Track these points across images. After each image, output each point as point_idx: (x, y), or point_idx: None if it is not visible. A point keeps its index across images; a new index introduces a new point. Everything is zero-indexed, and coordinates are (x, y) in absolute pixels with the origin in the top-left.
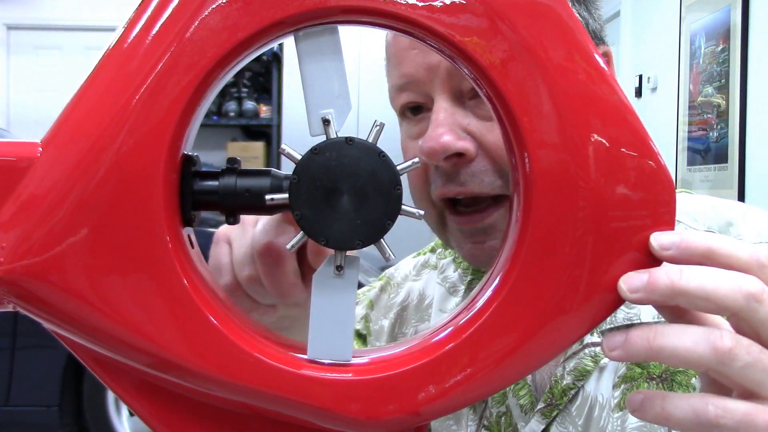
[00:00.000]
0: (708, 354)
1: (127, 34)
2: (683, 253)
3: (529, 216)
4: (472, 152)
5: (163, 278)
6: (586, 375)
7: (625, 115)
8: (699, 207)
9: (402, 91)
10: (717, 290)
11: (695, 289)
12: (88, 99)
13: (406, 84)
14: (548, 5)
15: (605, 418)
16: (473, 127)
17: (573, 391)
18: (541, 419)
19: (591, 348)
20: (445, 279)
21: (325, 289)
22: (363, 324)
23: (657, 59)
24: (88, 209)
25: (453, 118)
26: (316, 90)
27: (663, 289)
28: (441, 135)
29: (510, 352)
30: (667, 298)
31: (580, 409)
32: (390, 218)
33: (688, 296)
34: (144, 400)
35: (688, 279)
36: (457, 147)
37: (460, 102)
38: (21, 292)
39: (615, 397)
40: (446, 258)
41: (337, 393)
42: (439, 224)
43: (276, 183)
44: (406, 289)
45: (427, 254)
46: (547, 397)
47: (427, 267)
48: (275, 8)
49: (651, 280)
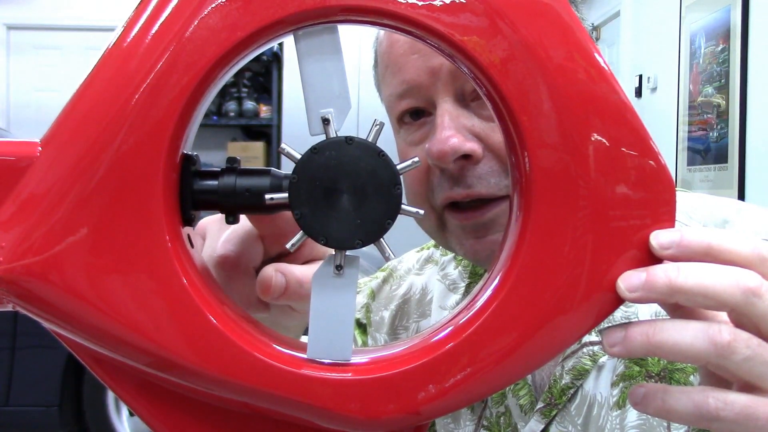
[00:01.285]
0: (707, 348)
1: (127, 34)
2: (683, 251)
3: (529, 216)
4: (480, 153)
5: (162, 278)
6: (585, 374)
7: (625, 115)
8: (694, 204)
9: (402, 98)
10: (714, 287)
11: (693, 286)
12: (87, 98)
13: (408, 90)
14: (548, 4)
15: (604, 416)
16: (478, 128)
17: (572, 390)
18: (540, 419)
19: (589, 347)
20: (445, 276)
21: (324, 289)
22: (363, 313)
23: (657, 59)
24: (88, 209)
25: (458, 121)
26: (316, 89)
27: (661, 287)
28: (449, 137)
29: (510, 351)
30: (666, 296)
31: (579, 408)
32: (390, 218)
33: (686, 294)
34: (144, 400)
35: (685, 277)
36: (465, 149)
37: (463, 104)
38: (21, 291)
39: (613, 395)
40: (447, 255)
41: (336, 392)
42: (438, 227)
43: (276, 182)
44: (408, 282)
45: (431, 249)
46: (546, 396)
47: (431, 262)
48: (275, 7)
49: (649, 278)
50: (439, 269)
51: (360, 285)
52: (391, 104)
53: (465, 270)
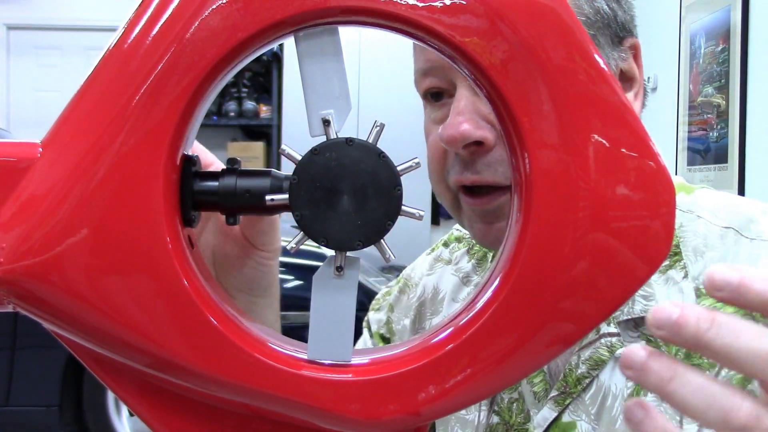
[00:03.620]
0: (718, 420)
1: (128, 35)
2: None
3: (529, 216)
4: (491, 141)
5: (163, 278)
6: (601, 365)
7: (625, 116)
8: (718, 203)
9: (426, 75)
10: (739, 355)
11: (720, 348)
12: (88, 99)
13: (430, 69)
14: (548, 5)
15: (618, 408)
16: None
17: (587, 380)
18: (553, 406)
19: (607, 338)
20: (458, 269)
21: (325, 290)
22: (386, 328)
23: (657, 59)
24: (88, 209)
25: (474, 106)
26: (317, 90)
27: (687, 337)
28: (461, 123)
29: (510, 352)
30: (690, 346)
31: (594, 398)
32: (390, 219)
33: (711, 352)
34: (144, 401)
35: (715, 335)
36: (476, 136)
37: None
38: (21, 292)
39: (628, 387)
40: (460, 249)
41: (337, 393)
42: (453, 206)
43: (276, 183)
44: (422, 285)
45: (440, 248)
46: (561, 385)
47: (440, 261)
48: (275, 9)
49: (678, 321)
50: (453, 264)
51: (378, 301)
52: (417, 80)
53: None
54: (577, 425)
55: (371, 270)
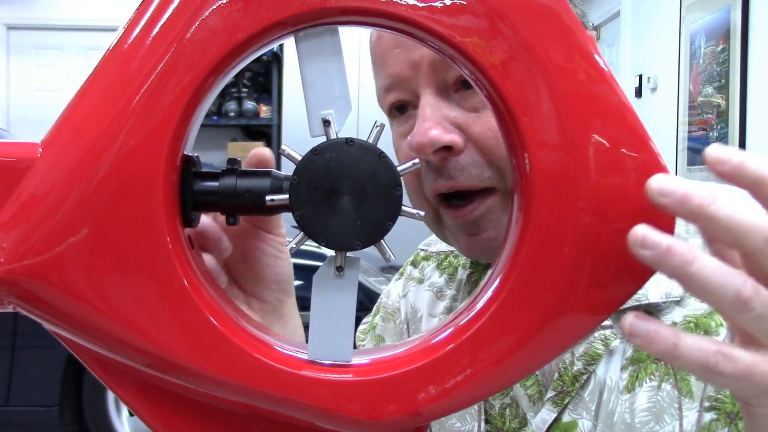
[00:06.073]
0: (730, 297)
1: (128, 35)
2: (736, 173)
3: (529, 216)
4: (460, 144)
5: (163, 278)
6: (597, 359)
7: (625, 116)
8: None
9: (389, 91)
10: (740, 228)
11: (723, 218)
12: (88, 99)
13: (393, 84)
14: (548, 5)
15: (614, 400)
16: (460, 119)
17: (584, 376)
18: (552, 407)
19: (600, 332)
20: (432, 284)
21: (325, 290)
22: None
23: (657, 59)
24: (88, 210)
25: (440, 112)
26: (317, 91)
27: (692, 206)
28: (428, 129)
29: (510, 353)
30: (692, 217)
31: (593, 394)
32: (390, 219)
33: (713, 223)
34: (144, 401)
35: (718, 207)
36: (444, 140)
37: (445, 95)
38: (21, 292)
39: (623, 379)
40: (430, 266)
41: (337, 394)
42: (435, 221)
43: (276, 184)
44: (402, 307)
45: (408, 269)
46: (557, 384)
47: (412, 281)
48: (275, 9)
49: (685, 193)
50: (426, 281)
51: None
52: (381, 98)
53: (451, 278)
54: (578, 424)
55: (371, 270)
